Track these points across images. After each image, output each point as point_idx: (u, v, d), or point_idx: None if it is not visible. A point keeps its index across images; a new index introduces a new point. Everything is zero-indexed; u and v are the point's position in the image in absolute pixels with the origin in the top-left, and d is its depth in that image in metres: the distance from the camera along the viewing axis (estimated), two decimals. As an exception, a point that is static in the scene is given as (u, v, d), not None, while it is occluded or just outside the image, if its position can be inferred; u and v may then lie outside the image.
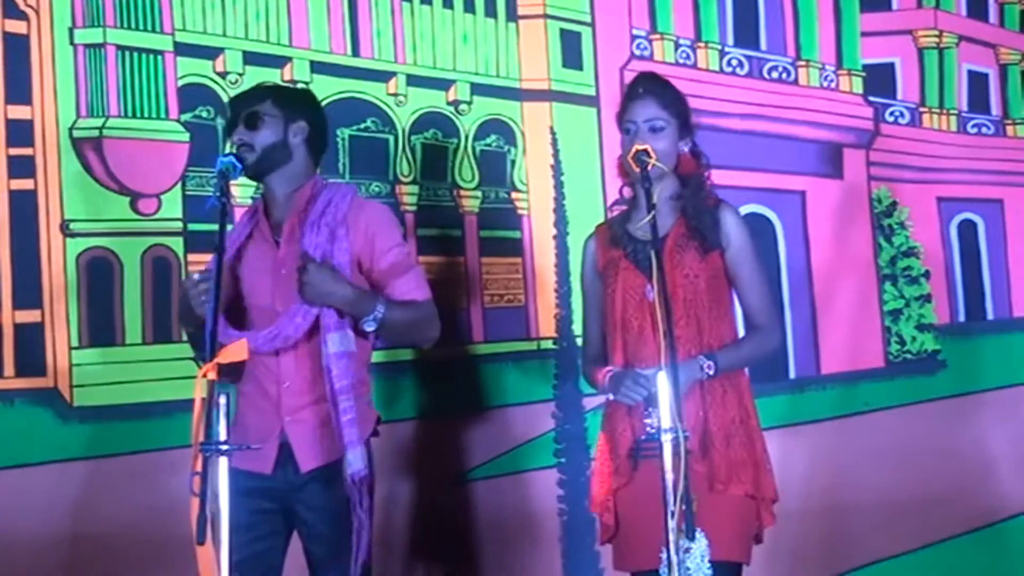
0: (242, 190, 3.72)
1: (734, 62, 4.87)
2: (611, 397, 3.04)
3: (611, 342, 3.11)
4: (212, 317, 2.76)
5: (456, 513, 4.12)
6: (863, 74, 5.13)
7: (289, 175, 3.14)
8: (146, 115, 3.71)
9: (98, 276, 3.61)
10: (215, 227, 2.89)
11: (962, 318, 5.21)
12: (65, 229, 3.59)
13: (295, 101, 3.21)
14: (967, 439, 4.95)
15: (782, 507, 3.12)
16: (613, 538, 3.15)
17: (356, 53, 4.10)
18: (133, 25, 3.70)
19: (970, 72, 5.40)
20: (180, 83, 3.77)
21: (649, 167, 2.96)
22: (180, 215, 3.71)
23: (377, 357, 4.03)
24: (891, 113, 5.20)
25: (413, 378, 4.09)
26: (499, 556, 4.17)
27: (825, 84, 5.06)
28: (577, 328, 4.33)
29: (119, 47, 3.68)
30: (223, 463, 2.64)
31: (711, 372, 2.96)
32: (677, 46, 4.74)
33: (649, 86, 3.13)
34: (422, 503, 4.02)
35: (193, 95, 3.78)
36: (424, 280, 3.19)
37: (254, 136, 3.09)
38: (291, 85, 3.56)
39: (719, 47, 4.83)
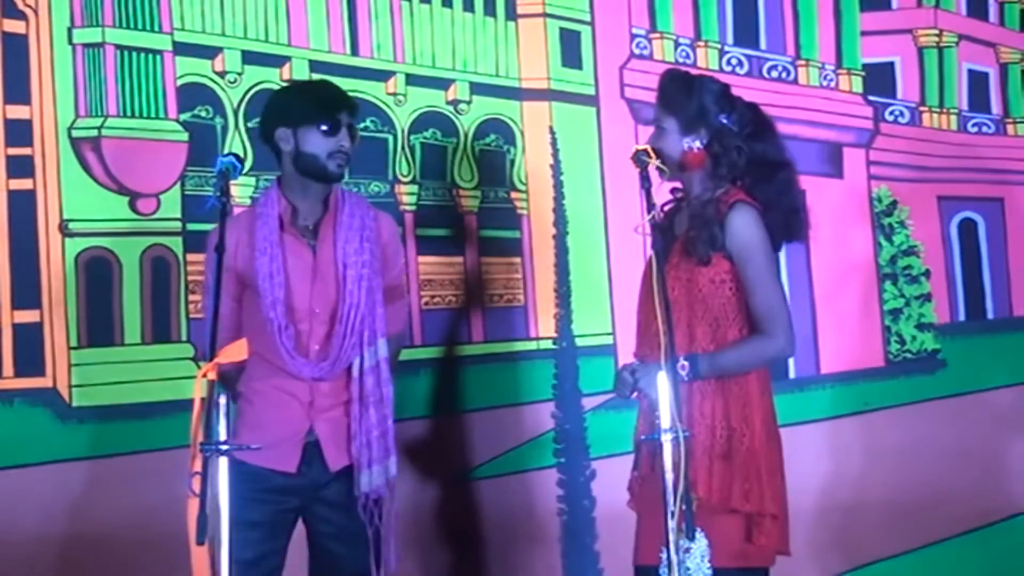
0: (241, 190, 3.71)
1: (734, 61, 4.86)
2: None
3: None
4: (212, 317, 2.76)
5: (456, 513, 4.12)
6: (863, 73, 5.13)
7: (330, 185, 3.20)
8: (145, 115, 3.70)
9: (97, 276, 3.61)
10: (214, 226, 2.89)
11: (962, 317, 5.21)
12: (64, 229, 3.58)
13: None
14: (967, 439, 4.95)
15: (782, 507, 3.11)
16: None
17: (355, 52, 4.09)
18: (132, 25, 3.70)
19: (970, 71, 5.40)
20: (179, 83, 3.77)
21: (648, 167, 2.96)
22: (179, 215, 3.71)
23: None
24: (891, 112, 5.20)
25: (413, 378, 4.08)
26: (499, 556, 4.17)
27: (825, 83, 5.05)
28: (576, 328, 4.33)
29: (118, 47, 3.67)
30: (223, 463, 2.64)
31: (683, 372, 2.88)
32: (677, 45, 4.74)
33: (658, 87, 3.12)
34: (422, 502, 4.02)
35: (192, 95, 3.77)
36: (408, 309, 3.38)
37: (351, 148, 3.16)
38: None
39: (719, 46, 4.83)
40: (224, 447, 2.63)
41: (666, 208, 3.18)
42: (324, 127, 3.11)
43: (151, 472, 3.19)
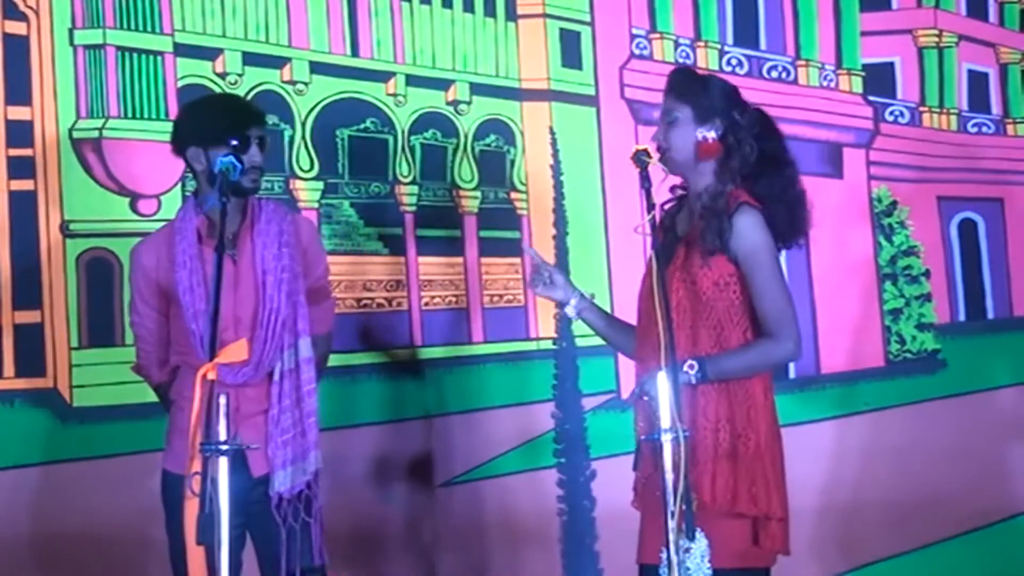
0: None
1: (733, 61, 4.87)
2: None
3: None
4: (212, 318, 2.76)
5: (456, 513, 4.12)
6: (863, 74, 5.13)
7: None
8: (146, 116, 3.71)
9: (98, 276, 3.61)
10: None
11: (962, 317, 5.21)
12: (65, 229, 3.59)
13: None
14: (967, 439, 4.95)
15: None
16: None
17: (355, 53, 4.10)
18: (133, 26, 3.70)
19: (970, 71, 5.40)
20: (180, 84, 3.77)
21: (649, 167, 2.95)
22: (180, 216, 3.71)
23: (376, 358, 4.06)
24: (891, 112, 5.20)
25: (413, 378, 4.09)
26: (499, 556, 4.18)
27: (825, 84, 5.06)
28: (576, 328, 4.34)
29: (119, 48, 3.68)
30: (223, 463, 2.65)
31: (692, 372, 2.86)
32: (677, 45, 4.74)
33: (670, 80, 3.10)
34: (422, 503, 4.03)
35: (193, 96, 3.76)
36: (334, 308, 3.40)
37: (262, 159, 3.13)
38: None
39: (718, 46, 4.83)
40: (224, 447, 2.64)
41: (666, 207, 3.18)
42: (234, 144, 3.05)
43: (151, 472, 3.19)
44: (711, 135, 3.01)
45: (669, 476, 2.65)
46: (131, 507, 3.47)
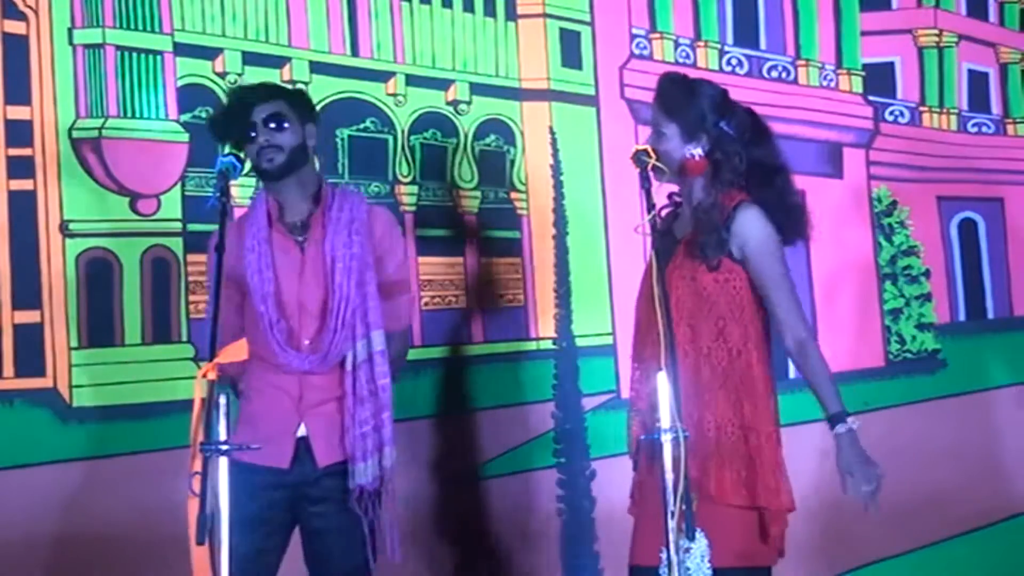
0: (242, 190, 3.72)
1: (733, 61, 4.87)
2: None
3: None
4: (212, 317, 2.76)
5: (456, 513, 4.12)
6: (863, 73, 5.13)
7: (305, 177, 3.20)
8: (145, 115, 3.70)
9: (98, 276, 3.61)
10: (215, 227, 2.91)
11: (962, 317, 5.22)
12: (65, 229, 3.58)
13: (305, 103, 3.27)
14: (967, 438, 4.95)
15: (782, 506, 3.11)
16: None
17: (355, 53, 4.10)
18: (132, 25, 3.70)
19: (970, 71, 5.41)
20: (179, 83, 3.77)
21: (649, 167, 2.96)
22: (180, 215, 3.71)
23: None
24: (891, 112, 5.20)
25: (412, 378, 4.09)
26: (499, 555, 4.18)
27: (825, 83, 5.06)
28: (576, 328, 4.34)
29: (118, 47, 3.68)
30: (223, 463, 2.65)
31: (853, 426, 3.05)
32: (677, 45, 4.74)
33: (658, 88, 3.11)
34: (421, 503, 4.02)
35: (192, 95, 3.77)
36: (414, 304, 3.37)
37: (281, 137, 3.13)
38: (290, 86, 3.61)
39: (719, 46, 4.84)
40: (224, 447, 2.64)
41: (664, 213, 3.18)
42: (248, 134, 3.13)
43: (151, 472, 3.19)
44: (697, 152, 3.03)
45: (669, 476, 2.65)
46: (130, 507, 3.47)
